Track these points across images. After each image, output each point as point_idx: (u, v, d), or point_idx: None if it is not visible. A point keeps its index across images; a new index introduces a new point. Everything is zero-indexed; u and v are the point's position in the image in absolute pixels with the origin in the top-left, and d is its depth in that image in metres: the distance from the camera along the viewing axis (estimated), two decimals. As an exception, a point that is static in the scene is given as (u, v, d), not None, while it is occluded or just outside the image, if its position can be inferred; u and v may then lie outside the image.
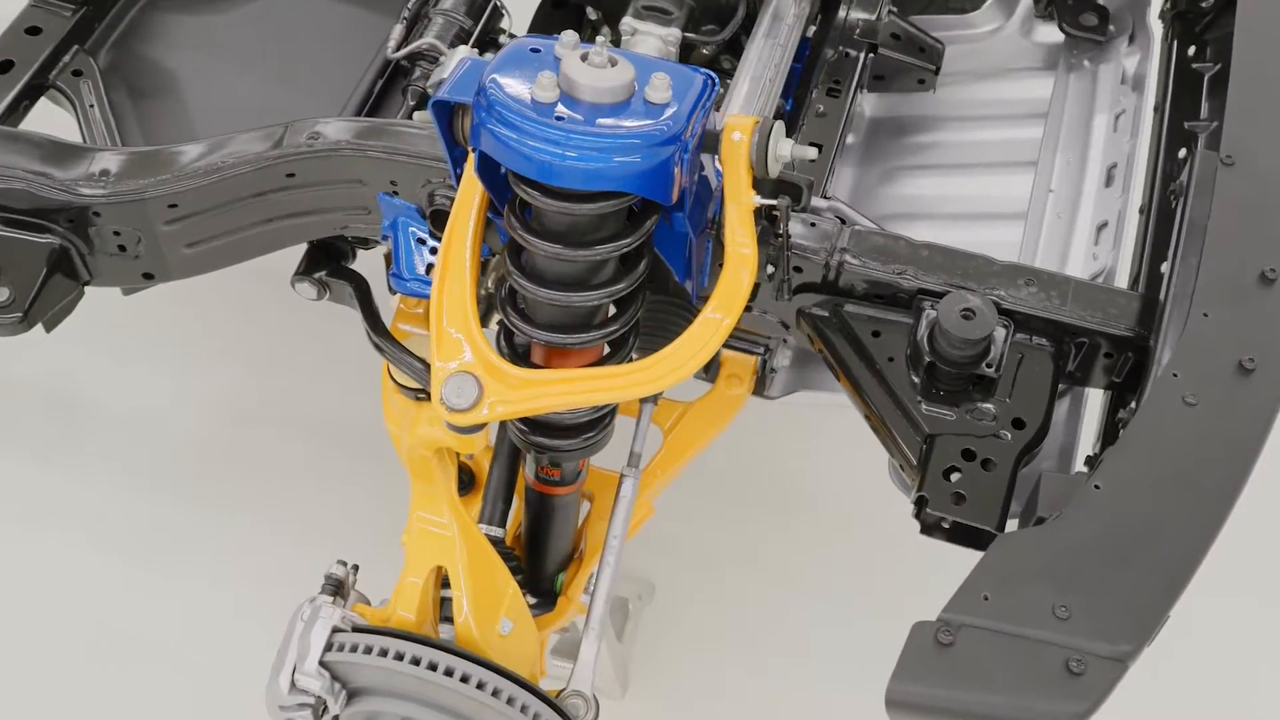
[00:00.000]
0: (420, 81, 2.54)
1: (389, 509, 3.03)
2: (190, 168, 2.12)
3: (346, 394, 3.29)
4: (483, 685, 1.90)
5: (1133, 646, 1.53)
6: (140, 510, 3.18)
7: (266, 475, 3.22)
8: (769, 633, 2.96)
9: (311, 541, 3.08)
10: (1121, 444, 1.68)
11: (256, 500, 3.18)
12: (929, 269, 1.95)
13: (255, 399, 3.38)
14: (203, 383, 3.40)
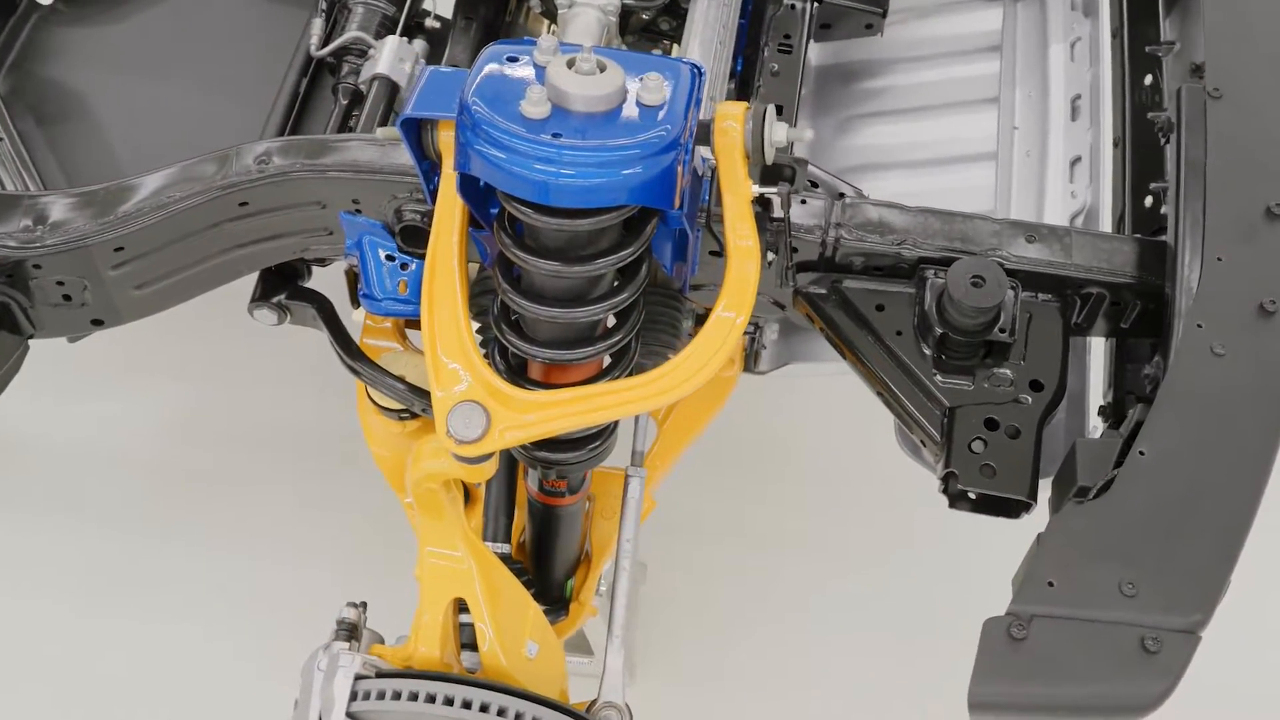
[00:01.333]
0: (351, 78, 2.42)
1: (365, 523, 2.98)
2: (134, 207, 1.98)
3: (299, 403, 3.18)
4: (520, 717, 1.84)
5: (1203, 615, 1.51)
6: (102, 550, 3.05)
7: (229, 499, 3.11)
8: (764, 599, 2.95)
9: (293, 564, 3.01)
10: (1158, 405, 1.65)
11: (225, 526, 3.06)
12: (928, 236, 1.90)
13: (202, 419, 3.26)
14: (145, 409, 3.27)
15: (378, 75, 2.35)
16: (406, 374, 2.15)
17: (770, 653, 2.92)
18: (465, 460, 1.74)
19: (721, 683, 2.87)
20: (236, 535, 3.05)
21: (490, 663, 1.91)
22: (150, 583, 3.01)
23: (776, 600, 2.97)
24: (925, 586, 3.06)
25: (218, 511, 3.07)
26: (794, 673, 2.93)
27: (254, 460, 3.17)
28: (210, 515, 3.08)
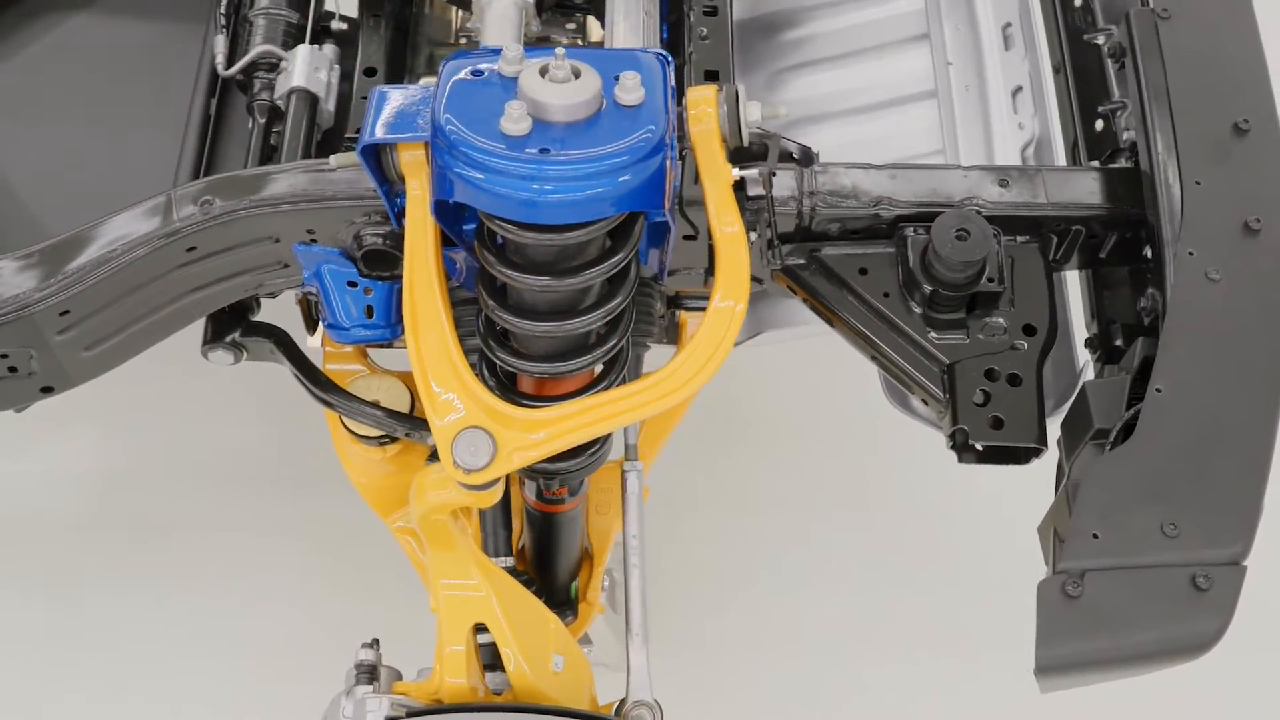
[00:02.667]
0: (265, 94, 2.30)
1: (330, 548, 2.91)
2: (76, 266, 1.87)
3: (234, 432, 3.08)
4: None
5: (1244, 544, 1.53)
6: (56, 615, 2.93)
7: (181, 545, 3.01)
8: (751, 561, 2.94)
9: (265, 604, 2.93)
10: (1166, 340, 1.65)
11: (182, 573, 2.97)
12: (902, 194, 1.88)
13: (134, 464, 3.13)
14: (67, 464, 3.12)
15: (295, 89, 2.25)
16: (380, 398, 2.08)
17: (760, 613, 2.93)
18: (474, 488, 1.69)
19: (722, 651, 2.86)
20: (197, 581, 2.96)
21: (520, 683, 1.87)
22: (114, 643, 2.90)
23: (765, 560, 2.97)
24: (907, 533, 3.08)
25: (170, 559, 2.97)
26: (783, 629, 2.95)
27: (198, 500, 3.07)
28: (163, 564, 2.97)
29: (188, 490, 3.06)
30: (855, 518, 3.09)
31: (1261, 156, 1.79)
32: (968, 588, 3.05)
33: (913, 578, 3.05)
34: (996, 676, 2.91)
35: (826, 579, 3.04)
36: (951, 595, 3.03)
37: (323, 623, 2.86)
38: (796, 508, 3.07)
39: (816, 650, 2.95)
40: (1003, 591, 2.99)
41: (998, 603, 2.99)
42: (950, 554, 3.07)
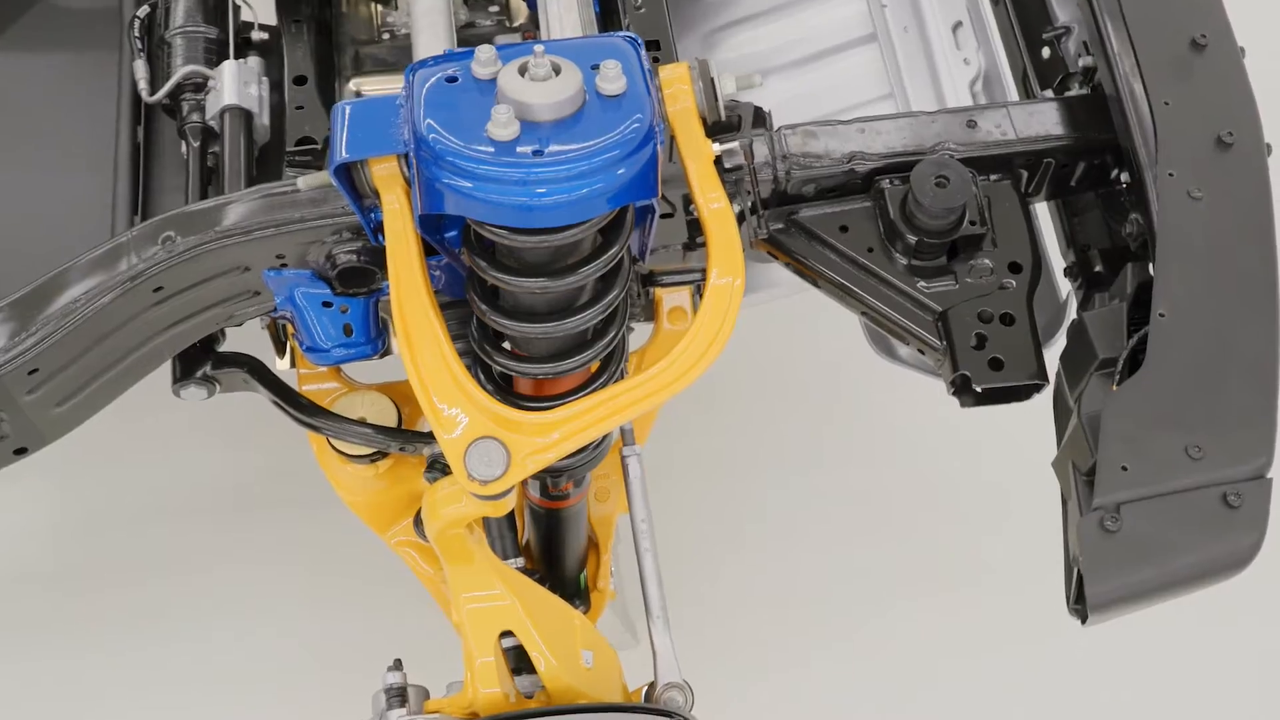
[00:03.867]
0: (196, 116, 2.22)
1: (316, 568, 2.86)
2: (40, 322, 1.80)
3: (187, 461, 3.00)
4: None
5: (1267, 457, 1.56)
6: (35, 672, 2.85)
7: (154, 583, 2.92)
8: (734, 524, 2.94)
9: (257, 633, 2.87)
10: (1161, 264, 1.67)
11: (165, 612, 2.89)
12: (874, 147, 1.86)
13: (88, 508, 3.03)
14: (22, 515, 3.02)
15: (227, 107, 2.18)
16: (366, 414, 2.04)
17: (751, 574, 2.94)
18: (489, 499, 1.66)
19: (711, 616, 2.87)
20: (181, 621, 2.89)
21: (554, 684, 1.86)
22: (111, 693, 2.82)
23: (743, 522, 2.98)
24: (880, 483, 3.12)
25: (148, 602, 2.89)
26: (777, 588, 2.96)
27: (164, 538, 2.99)
28: (141, 608, 2.89)
29: (151, 530, 2.98)
30: (830, 473, 3.11)
31: (1222, 69, 1.81)
32: (954, 528, 3.09)
33: (893, 524, 3.08)
34: (991, 613, 2.99)
35: (810, 535, 3.06)
36: (944, 536, 3.07)
37: (318, 649, 2.82)
38: (771, 467, 3.08)
39: (813, 604, 2.97)
40: (990, 533, 3.07)
41: (985, 544, 3.06)
42: (930, 498, 3.11)
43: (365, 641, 2.73)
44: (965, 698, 2.92)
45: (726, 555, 3.02)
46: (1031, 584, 2.95)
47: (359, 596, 2.84)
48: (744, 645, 2.89)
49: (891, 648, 2.96)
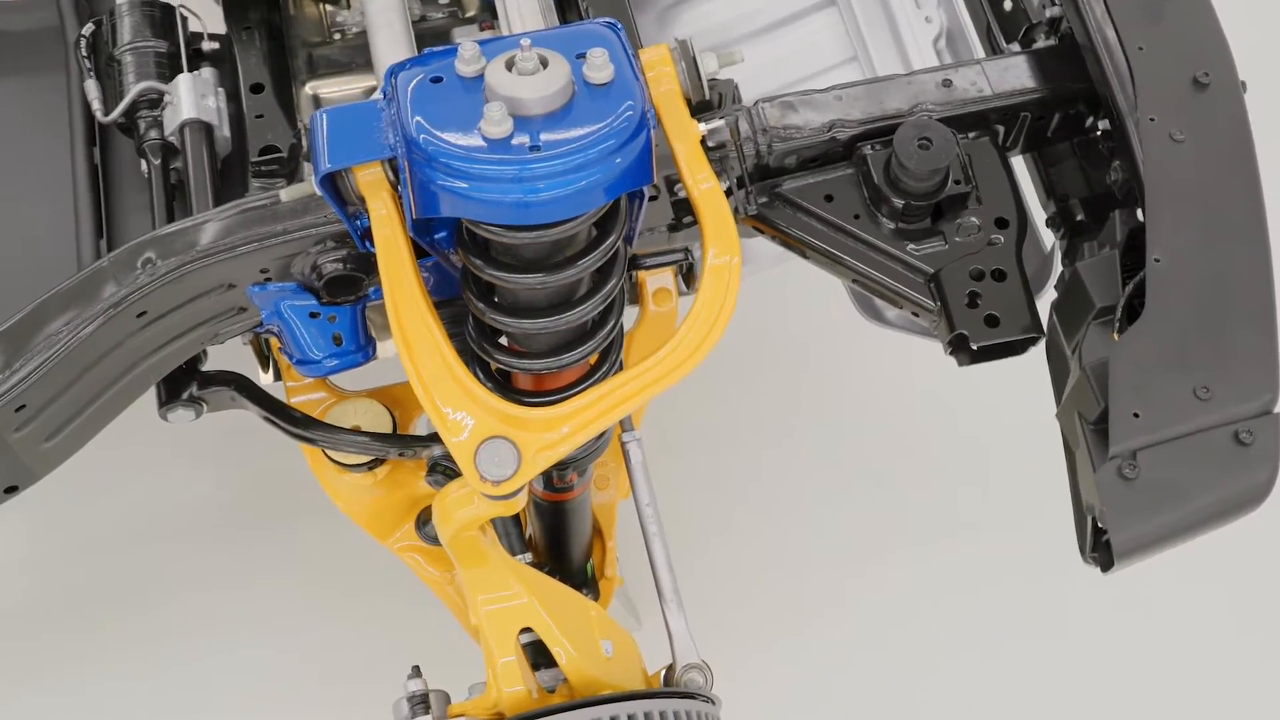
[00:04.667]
0: (154, 133, 2.18)
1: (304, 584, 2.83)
2: (24, 357, 1.76)
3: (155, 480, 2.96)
4: (632, 718, 1.79)
5: (1272, 393, 1.58)
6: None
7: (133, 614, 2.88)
8: (726, 499, 2.95)
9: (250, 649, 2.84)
10: (1151, 209, 1.68)
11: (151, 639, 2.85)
12: (852, 114, 1.86)
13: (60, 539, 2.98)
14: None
15: (187, 121, 2.14)
16: (360, 423, 2.02)
17: (742, 543, 2.95)
18: (502, 498, 1.64)
19: (711, 586, 2.87)
20: (178, 643, 2.85)
21: (577, 677, 1.85)
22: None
23: (730, 492, 2.98)
24: (860, 441, 3.13)
25: (138, 629, 2.85)
26: (771, 552, 2.97)
27: (147, 562, 2.94)
28: (127, 636, 2.85)
29: (134, 557, 2.93)
30: (808, 440, 3.13)
31: (1191, 9, 1.82)
32: (934, 484, 3.11)
33: (873, 485, 3.10)
34: (975, 561, 3.02)
35: (793, 501, 3.07)
36: (925, 492, 3.09)
37: (321, 662, 2.80)
38: (748, 438, 3.09)
39: (803, 567, 2.99)
40: (968, 486, 3.10)
41: (962, 497, 3.09)
42: (909, 456, 3.13)
43: (368, 650, 2.73)
44: (956, 643, 2.95)
45: (710, 527, 3.02)
46: (1009, 533, 3.02)
47: (356, 606, 2.81)
48: (740, 613, 2.90)
49: (884, 603, 2.98)
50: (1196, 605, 2.95)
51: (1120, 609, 2.96)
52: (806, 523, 3.05)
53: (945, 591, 3.00)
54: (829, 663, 2.93)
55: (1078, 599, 2.96)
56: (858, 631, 2.94)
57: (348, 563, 2.78)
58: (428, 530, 2.13)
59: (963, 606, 2.98)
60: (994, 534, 3.04)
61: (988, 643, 2.94)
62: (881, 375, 3.18)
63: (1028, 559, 3.01)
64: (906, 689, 2.90)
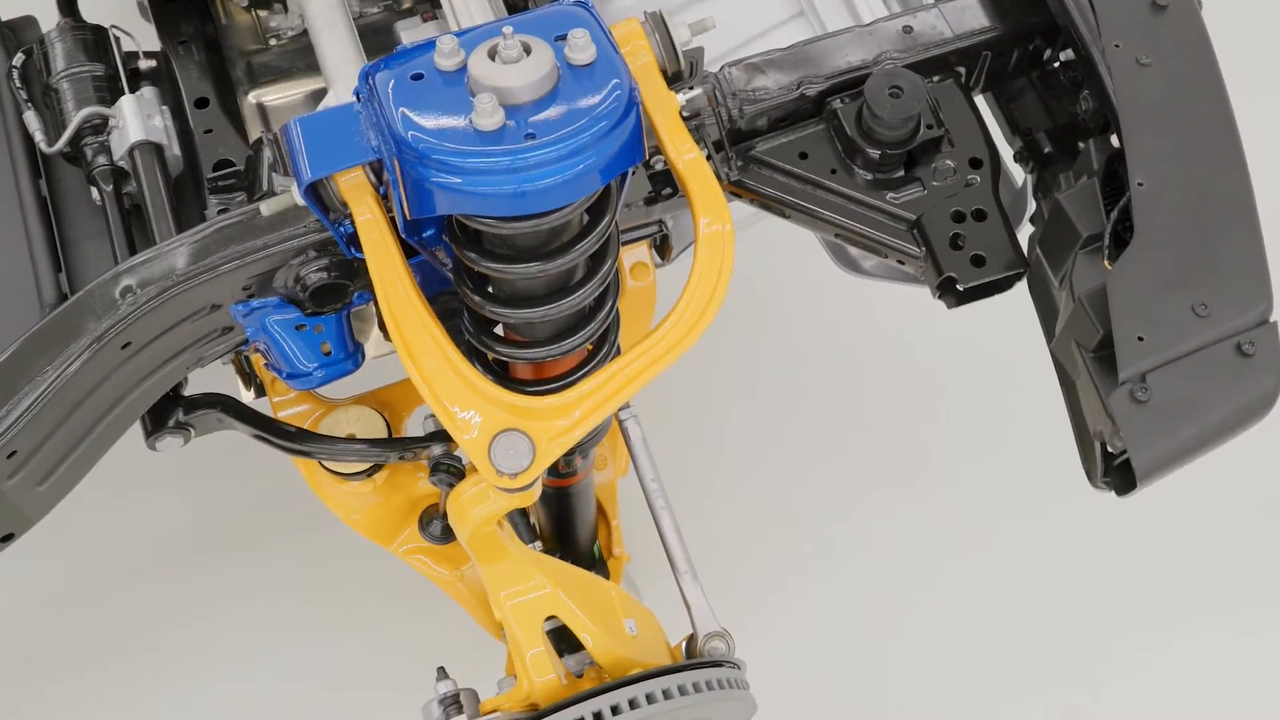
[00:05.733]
0: (103, 159, 2.12)
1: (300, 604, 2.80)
2: (10, 403, 1.71)
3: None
4: (668, 694, 1.80)
5: (1267, 302, 1.61)
6: None
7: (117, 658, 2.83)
8: (711, 463, 2.95)
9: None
10: (1128, 134, 1.70)
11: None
12: (818, 69, 1.86)
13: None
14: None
15: (136, 144, 2.09)
16: (355, 430, 1.99)
17: (733, 502, 2.96)
18: (518, 490, 1.64)
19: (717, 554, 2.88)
20: (176, 676, 2.81)
21: (607, 659, 1.85)
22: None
23: (721, 454, 2.99)
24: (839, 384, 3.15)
25: (133, 665, 2.80)
26: (762, 511, 2.99)
27: (132, 596, 2.89)
28: (128, 674, 2.80)
29: (119, 593, 2.89)
30: (780, 390, 3.14)
31: (1140, -66, 1.84)
32: (901, 425, 3.14)
33: (846, 429, 3.13)
34: (951, 495, 3.06)
35: (771, 452, 3.09)
36: (897, 433, 3.12)
37: (324, 676, 2.77)
38: (716, 396, 3.10)
39: (790, 516, 3.01)
40: (930, 425, 3.14)
41: (926, 435, 3.12)
42: (875, 397, 3.16)
43: (378, 658, 2.71)
44: (947, 574, 3.00)
45: (692, 491, 3.02)
46: (969, 466, 3.07)
47: (358, 616, 2.80)
48: (733, 572, 2.90)
49: (872, 546, 3.02)
50: (1176, 523, 3.00)
51: (1100, 528, 3.02)
52: (786, 477, 3.07)
53: (930, 527, 3.04)
54: (828, 611, 2.95)
55: (1063, 518, 3.01)
56: (851, 577, 2.97)
57: (341, 574, 2.76)
58: (431, 530, 2.11)
59: (950, 537, 3.02)
60: (966, 468, 3.09)
61: (979, 570, 2.98)
62: (842, 324, 3.20)
63: (1004, 488, 3.06)
64: (905, 630, 2.93)
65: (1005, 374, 3.15)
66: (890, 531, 3.01)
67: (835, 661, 2.86)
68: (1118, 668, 2.89)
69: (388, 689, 2.44)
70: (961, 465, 3.08)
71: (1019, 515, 3.03)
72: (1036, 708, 2.84)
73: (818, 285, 3.19)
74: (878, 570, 2.98)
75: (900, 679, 2.87)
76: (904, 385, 3.16)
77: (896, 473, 3.07)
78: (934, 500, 3.04)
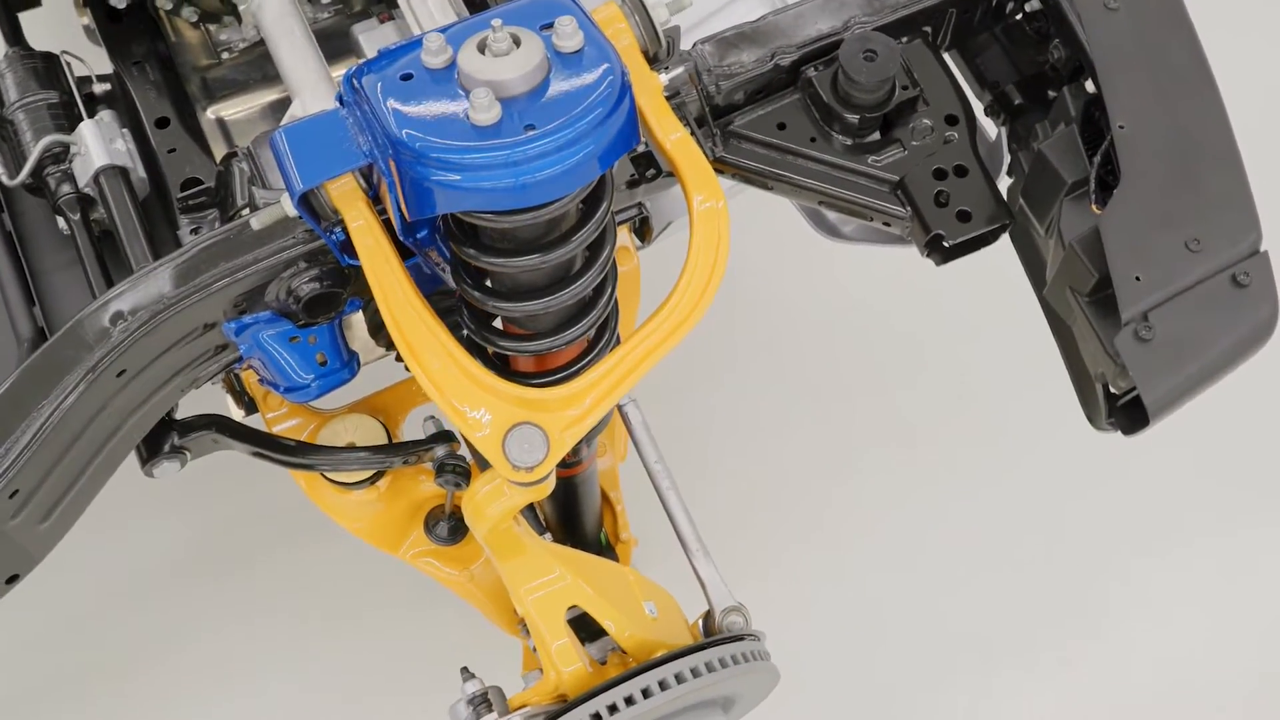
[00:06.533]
0: (68, 187, 2.09)
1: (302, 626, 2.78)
2: (8, 442, 1.68)
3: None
4: (697, 672, 1.81)
5: (1255, 233, 1.64)
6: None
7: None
8: (695, 441, 2.96)
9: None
10: (1105, 78, 1.72)
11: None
12: (789, 38, 1.87)
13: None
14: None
15: (102, 169, 2.05)
16: (354, 439, 1.98)
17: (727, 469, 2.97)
18: (533, 484, 1.63)
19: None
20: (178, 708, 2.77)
21: (631, 644, 1.86)
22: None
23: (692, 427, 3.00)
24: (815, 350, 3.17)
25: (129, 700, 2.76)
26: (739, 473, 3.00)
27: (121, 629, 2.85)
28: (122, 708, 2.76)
29: (114, 622, 2.85)
30: (751, 363, 3.16)
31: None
32: (875, 384, 3.17)
33: (823, 393, 3.14)
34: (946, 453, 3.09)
35: (752, 422, 3.10)
36: (868, 392, 3.15)
37: (332, 692, 2.75)
38: (704, 374, 3.11)
39: (782, 490, 3.03)
40: (907, 388, 3.16)
41: (901, 396, 3.15)
42: (850, 361, 3.18)
43: (385, 665, 2.69)
44: (936, 530, 3.03)
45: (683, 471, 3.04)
46: (948, 424, 3.10)
47: (361, 624, 2.77)
48: (733, 545, 2.92)
49: (865, 510, 3.04)
50: (1166, 464, 3.05)
51: (1080, 469, 3.06)
52: (771, 452, 3.08)
53: (917, 486, 3.07)
54: (828, 576, 2.97)
55: (1043, 464, 3.05)
56: (846, 543, 3.00)
57: (343, 583, 2.74)
58: (438, 532, 2.10)
59: (938, 494, 3.05)
60: (945, 426, 3.12)
61: (969, 522, 3.01)
62: (812, 296, 3.22)
63: (984, 441, 3.10)
64: (903, 587, 2.96)
65: (974, 333, 3.19)
66: (879, 494, 3.04)
67: (840, 625, 2.88)
68: (1115, 603, 2.93)
69: (409, 694, 2.44)
70: (941, 424, 3.11)
71: (1001, 466, 3.06)
72: (1041, 649, 2.88)
73: (784, 260, 3.22)
74: (871, 533, 3.00)
75: (902, 635, 2.90)
76: (878, 351, 3.18)
77: (879, 437, 3.10)
78: (918, 460, 3.07)
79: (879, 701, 2.83)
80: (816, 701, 2.74)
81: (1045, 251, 1.85)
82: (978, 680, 2.86)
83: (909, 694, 2.84)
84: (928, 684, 2.85)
